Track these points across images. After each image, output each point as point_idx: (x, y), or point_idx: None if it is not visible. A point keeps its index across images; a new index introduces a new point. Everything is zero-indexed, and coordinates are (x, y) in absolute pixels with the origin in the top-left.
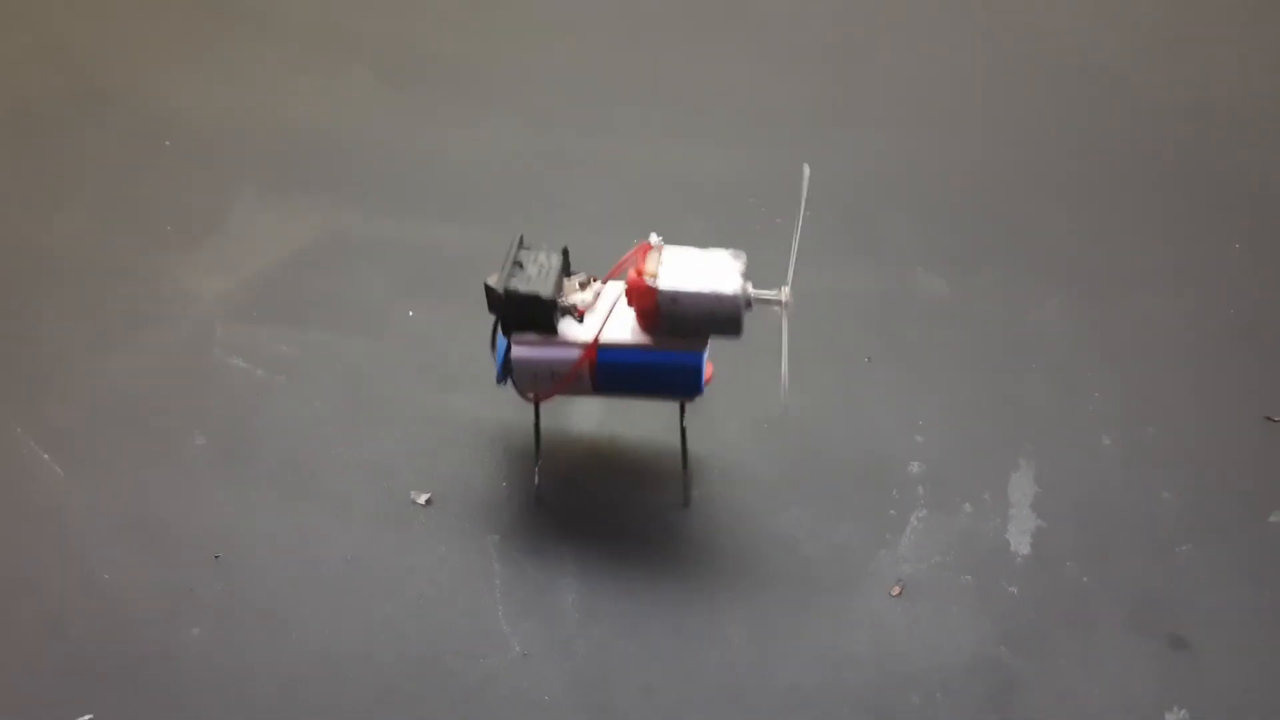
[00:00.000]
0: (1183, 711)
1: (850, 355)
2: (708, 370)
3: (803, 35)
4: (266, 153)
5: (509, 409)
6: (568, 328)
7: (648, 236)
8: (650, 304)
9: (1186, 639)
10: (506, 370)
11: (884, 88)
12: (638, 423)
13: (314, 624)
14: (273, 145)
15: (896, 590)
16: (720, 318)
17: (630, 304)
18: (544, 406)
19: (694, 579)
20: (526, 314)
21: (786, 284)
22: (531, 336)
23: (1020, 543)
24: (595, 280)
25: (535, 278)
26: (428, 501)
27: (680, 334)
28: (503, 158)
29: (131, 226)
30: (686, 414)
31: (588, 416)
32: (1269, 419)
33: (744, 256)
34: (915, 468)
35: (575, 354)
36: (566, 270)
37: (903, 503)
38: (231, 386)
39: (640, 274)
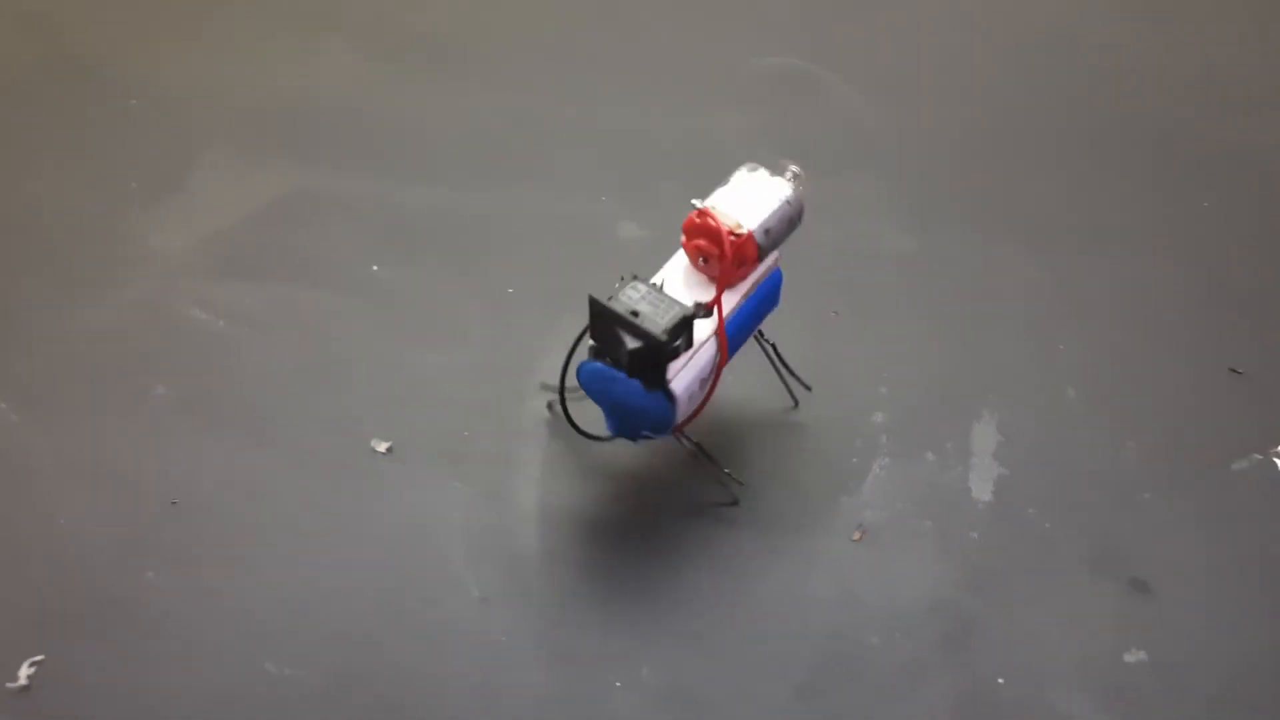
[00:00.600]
0: (1141, 653)
1: (818, 309)
2: None
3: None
4: (236, 115)
5: (471, 362)
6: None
7: (690, 204)
8: (752, 250)
9: (1147, 583)
10: (666, 420)
11: (861, 50)
12: None
13: (270, 568)
14: (243, 108)
15: (858, 535)
16: (794, 217)
17: (723, 262)
18: None
19: (656, 523)
20: (680, 337)
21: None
22: (676, 364)
23: (982, 490)
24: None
25: (658, 306)
26: (388, 450)
27: (768, 253)
28: (473, 123)
29: (97, 183)
30: None
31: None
32: (1233, 371)
33: (756, 165)
34: (879, 418)
35: (713, 349)
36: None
37: (866, 451)
38: (194, 339)
39: (726, 234)
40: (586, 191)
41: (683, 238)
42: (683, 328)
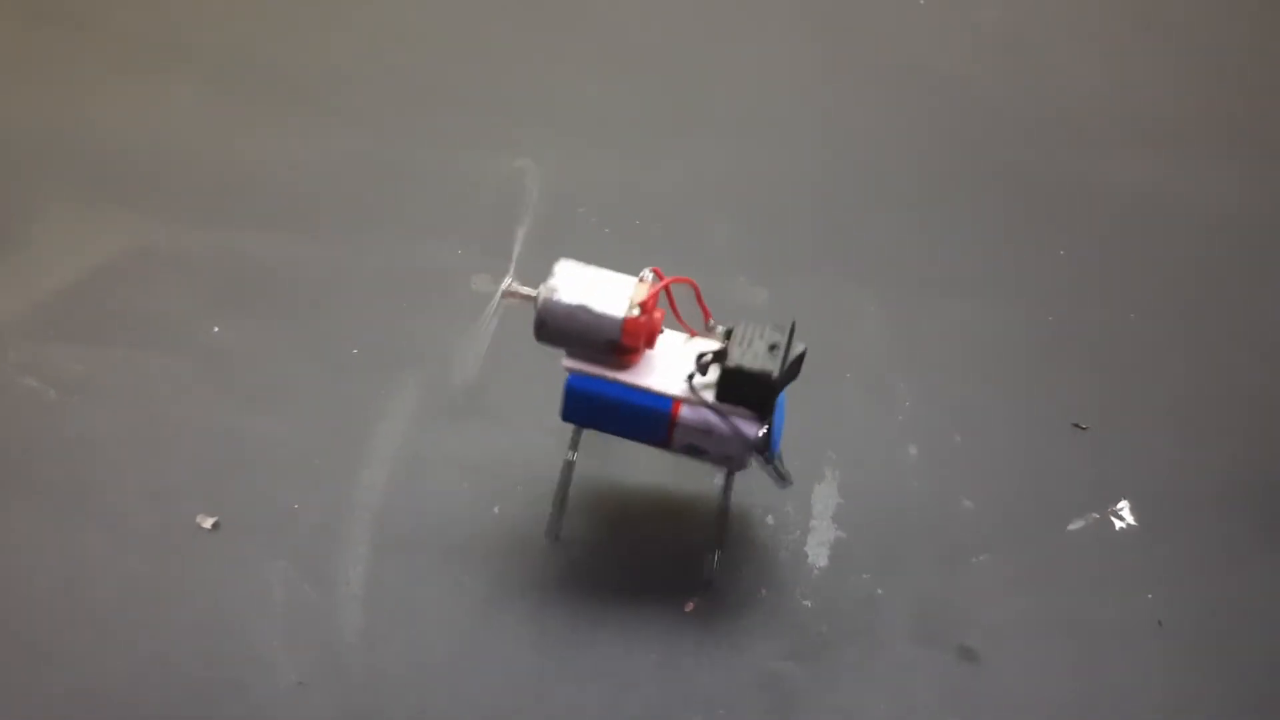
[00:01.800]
0: None
1: None
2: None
3: (629, 41)
4: (76, 163)
5: (305, 430)
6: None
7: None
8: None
9: (974, 650)
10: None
11: (709, 94)
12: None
13: (77, 657)
14: (83, 155)
15: (689, 607)
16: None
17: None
18: None
19: (479, 601)
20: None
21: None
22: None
23: (818, 555)
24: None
25: (757, 347)
26: (214, 526)
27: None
28: (325, 167)
29: None
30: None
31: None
32: (1076, 426)
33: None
34: (720, 479)
35: None
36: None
37: (702, 517)
38: (19, 408)
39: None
40: (440, 241)
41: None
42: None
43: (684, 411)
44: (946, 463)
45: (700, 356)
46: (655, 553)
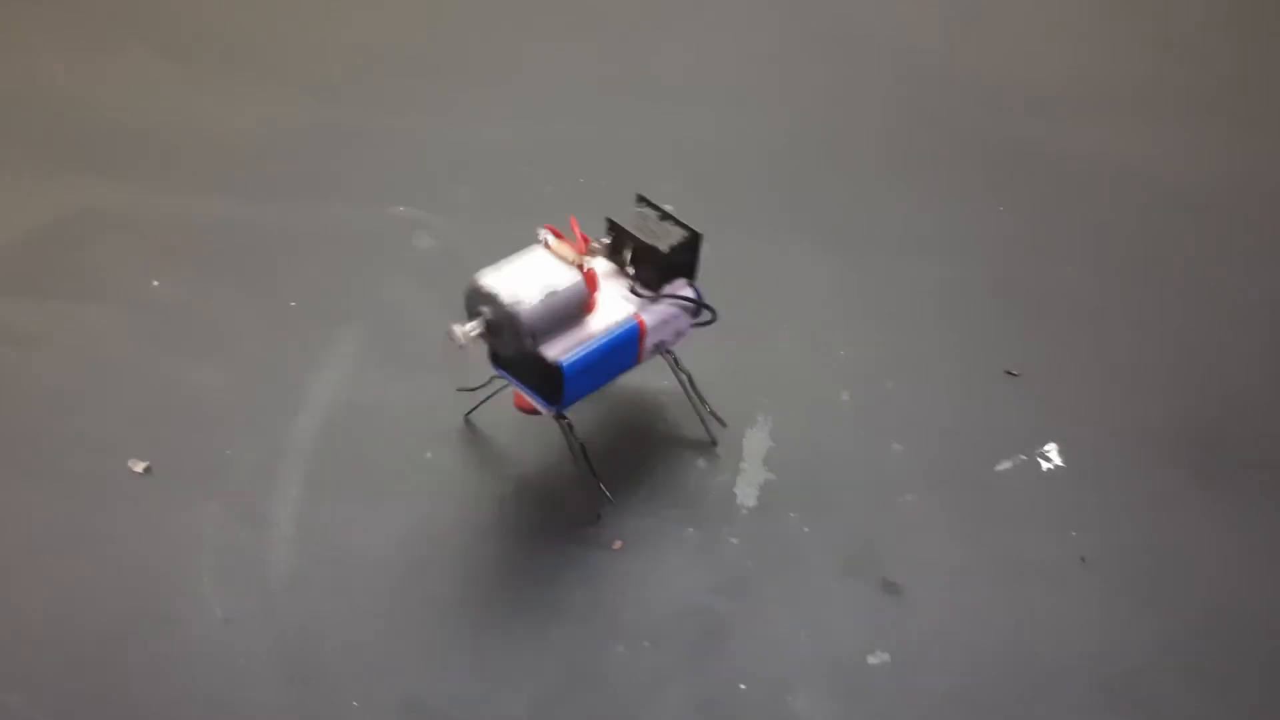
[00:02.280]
0: (885, 654)
1: None
2: None
3: (585, 7)
4: (23, 124)
5: (240, 378)
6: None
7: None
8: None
9: (898, 584)
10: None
11: (664, 59)
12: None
13: (6, 595)
14: (30, 116)
15: (617, 545)
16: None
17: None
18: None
19: (408, 539)
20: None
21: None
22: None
23: (747, 496)
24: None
25: (655, 227)
26: (146, 470)
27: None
28: (270, 130)
29: None
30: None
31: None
32: (1009, 373)
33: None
34: (659, 426)
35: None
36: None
37: (636, 460)
38: None
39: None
40: (384, 201)
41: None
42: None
43: (647, 320)
44: (878, 408)
45: (627, 269)
46: (579, 495)
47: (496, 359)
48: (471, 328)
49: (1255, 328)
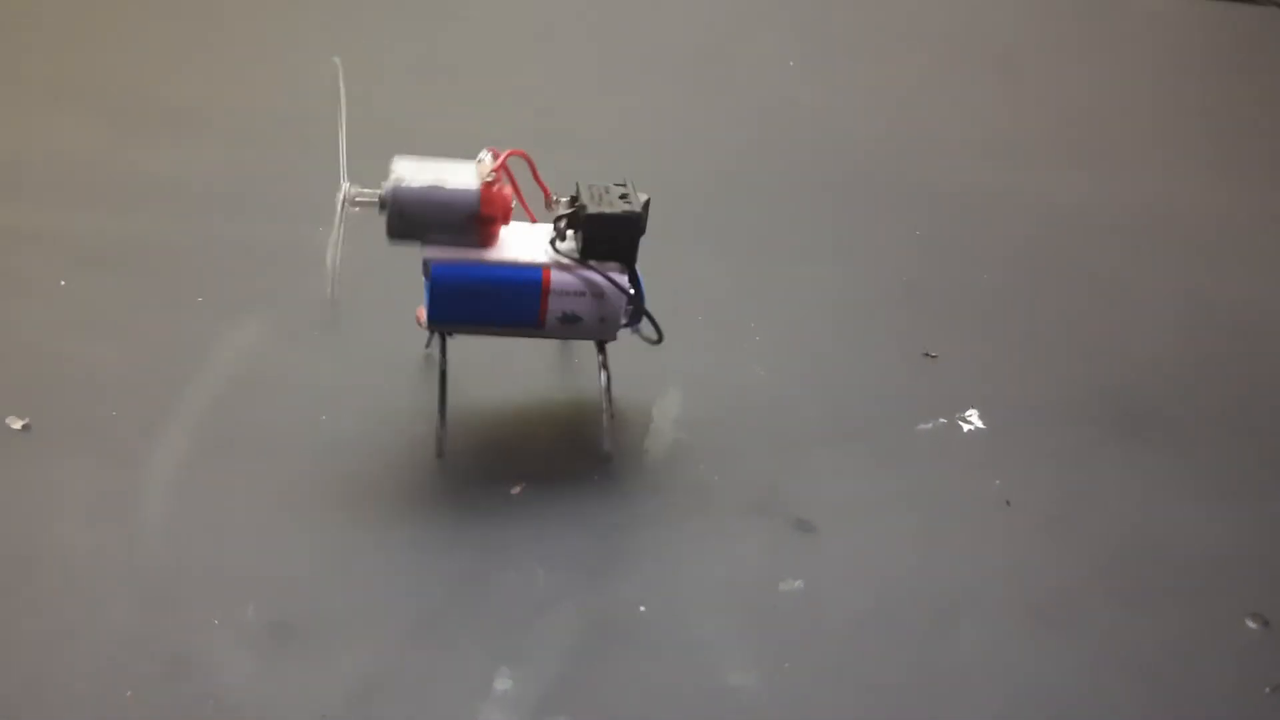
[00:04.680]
0: (798, 581)
1: None
2: None
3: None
4: None
5: (137, 357)
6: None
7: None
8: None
9: (811, 523)
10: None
11: (598, 113)
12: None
13: None
14: None
15: (518, 489)
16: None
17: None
18: None
19: (289, 496)
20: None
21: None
22: None
23: (656, 448)
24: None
25: (609, 198)
26: (24, 427)
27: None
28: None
29: None
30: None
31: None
32: (927, 355)
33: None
34: (560, 395)
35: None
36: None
37: (539, 423)
38: None
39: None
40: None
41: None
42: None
43: (555, 276)
44: (793, 382)
45: (557, 221)
46: (483, 443)
47: (393, 227)
48: (360, 193)
49: (1144, 315)
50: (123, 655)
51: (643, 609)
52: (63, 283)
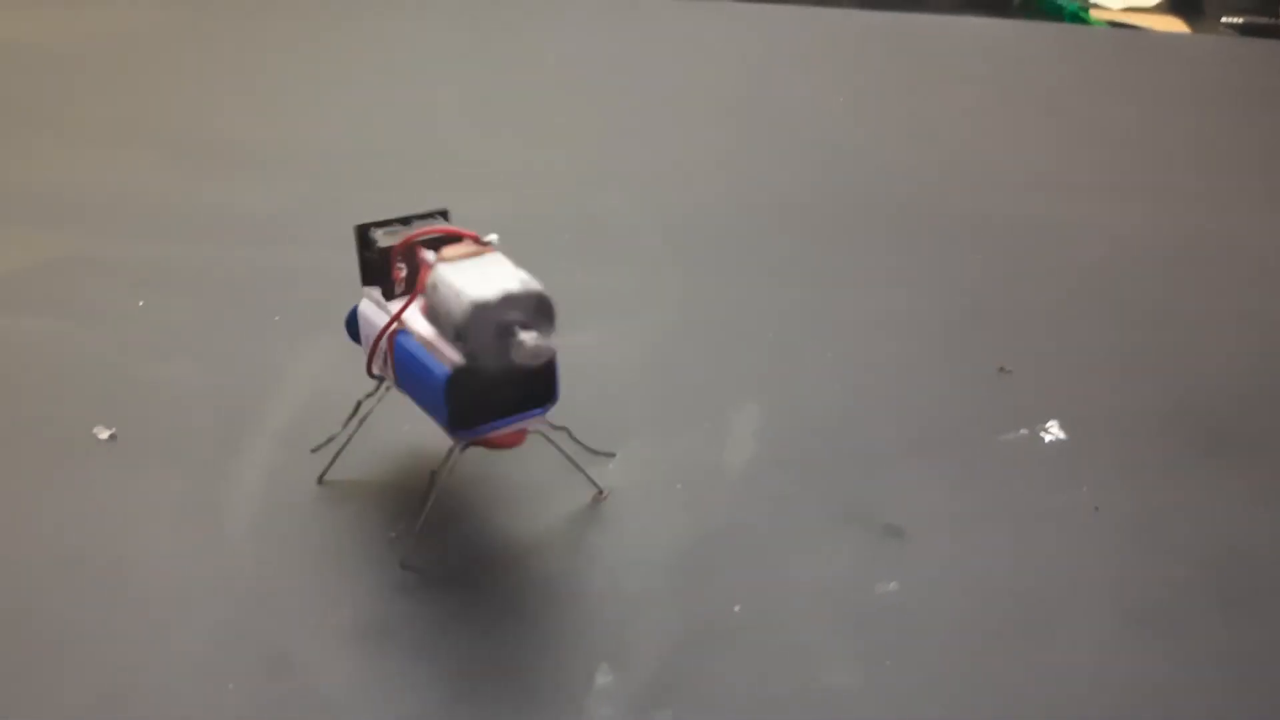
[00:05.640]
0: (893, 583)
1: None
2: None
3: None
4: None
5: (215, 371)
6: None
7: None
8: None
9: (900, 528)
10: None
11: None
12: None
13: None
14: (32, 191)
15: (603, 495)
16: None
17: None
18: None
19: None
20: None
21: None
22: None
23: (736, 458)
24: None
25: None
26: (111, 437)
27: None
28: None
29: None
30: None
31: None
32: (1002, 369)
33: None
34: (635, 409)
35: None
36: None
37: (619, 431)
38: None
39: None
40: None
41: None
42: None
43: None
44: (868, 399)
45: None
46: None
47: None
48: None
49: (1207, 337)
50: (220, 652)
51: (737, 609)
52: (141, 303)
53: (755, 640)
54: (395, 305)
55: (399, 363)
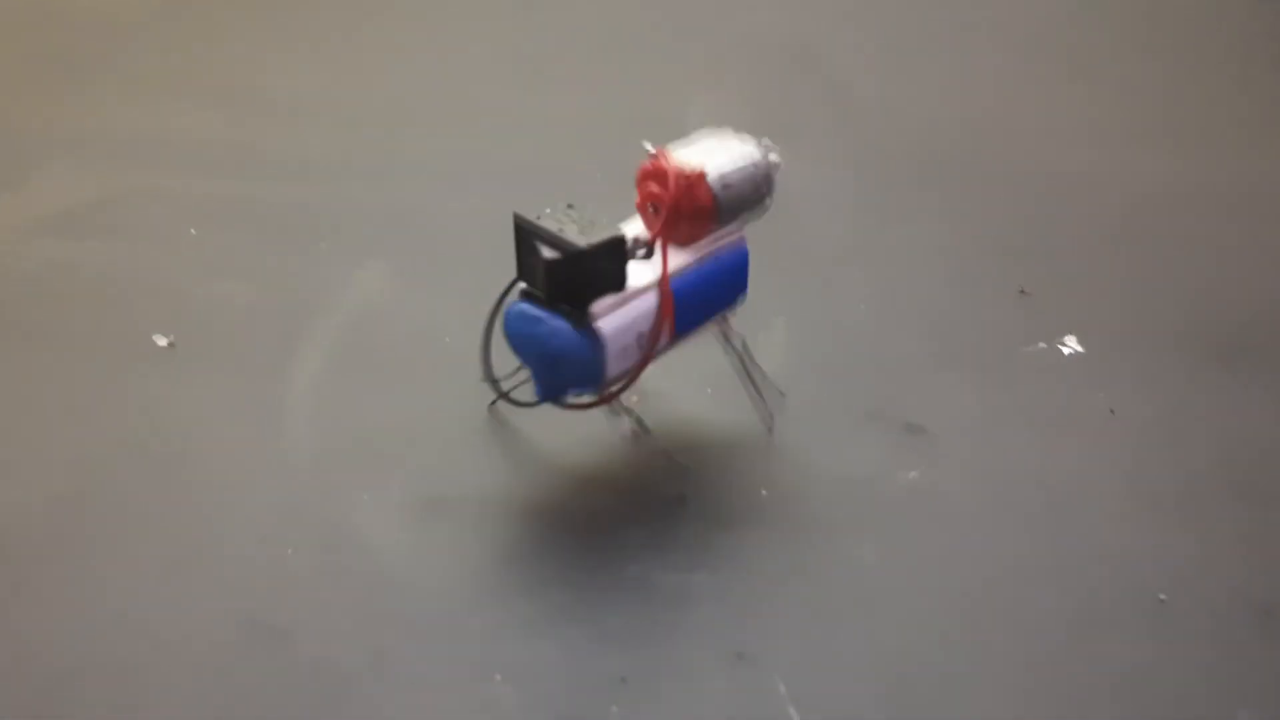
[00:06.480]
0: (914, 473)
1: None
2: None
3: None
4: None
5: (269, 289)
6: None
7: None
8: (705, 195)
9: (923, 426)
10: (593, 368)
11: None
12: None
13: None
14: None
15: (635, 399)
16: (760, 183)
17: (668, 213)
18: None
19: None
20: (610, 262)
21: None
22: (606, 302)
23: (766, 365)
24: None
25: (588, 230)
26: (170, 344)
27: (726, 223)
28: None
29: None
30: None
31: None
32: (1023, 291)
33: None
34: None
35: (653, 301)
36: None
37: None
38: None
39: (676, 175)
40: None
41: (636, 195)
42: (612, 252)
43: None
44: (896, 316)
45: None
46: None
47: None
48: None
49: (1229, 266)
50: (281, 525)
51: (764, 493)
52: (193, 231)
53: (781, 517)
54: (641, 286)
55: (690, 293)
